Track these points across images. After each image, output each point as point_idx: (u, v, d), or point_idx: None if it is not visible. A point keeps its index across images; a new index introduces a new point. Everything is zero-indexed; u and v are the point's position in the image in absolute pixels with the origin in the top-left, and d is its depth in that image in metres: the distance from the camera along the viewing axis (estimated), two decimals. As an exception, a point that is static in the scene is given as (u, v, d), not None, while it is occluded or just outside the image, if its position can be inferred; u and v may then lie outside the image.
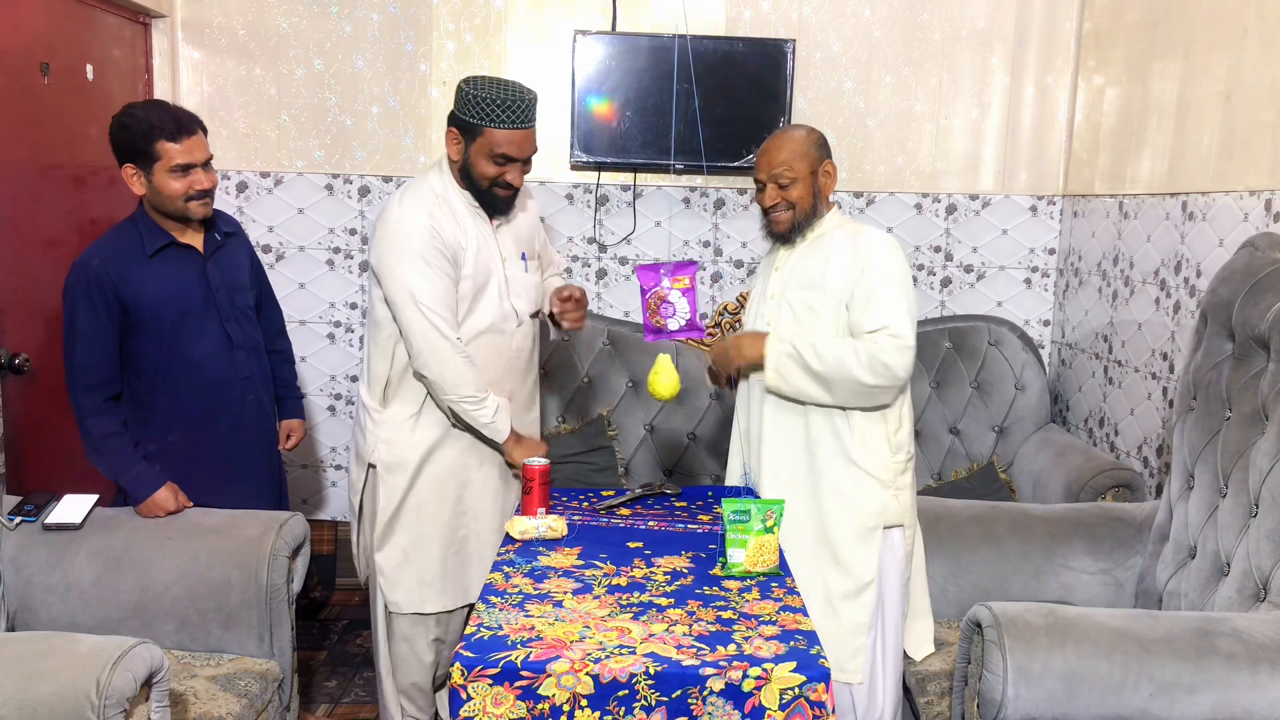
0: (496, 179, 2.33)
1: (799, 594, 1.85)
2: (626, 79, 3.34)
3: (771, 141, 2.31)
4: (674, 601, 1.78)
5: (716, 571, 1.92)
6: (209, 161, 2.37)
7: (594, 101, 3.36)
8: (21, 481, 2.49)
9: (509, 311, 2.42)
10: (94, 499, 2.34)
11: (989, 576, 2.45)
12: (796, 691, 1.52)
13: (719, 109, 3.36)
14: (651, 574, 1.91)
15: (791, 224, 2.29)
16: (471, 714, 1.52)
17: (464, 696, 1.52)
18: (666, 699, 1.51)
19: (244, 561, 2.25)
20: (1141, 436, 2.97)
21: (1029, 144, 3.55)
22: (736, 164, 3.38)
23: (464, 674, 1.52)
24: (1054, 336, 3.64)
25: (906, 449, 2.29)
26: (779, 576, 1.91)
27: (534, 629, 1.64)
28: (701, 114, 3.28)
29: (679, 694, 1.51)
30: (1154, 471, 2.89)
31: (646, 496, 2.40)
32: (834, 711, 1.54)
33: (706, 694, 1.51)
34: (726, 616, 1.72)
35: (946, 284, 3.63)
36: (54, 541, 2.25)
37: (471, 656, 1.54)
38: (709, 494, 2.44)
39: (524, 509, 2.20)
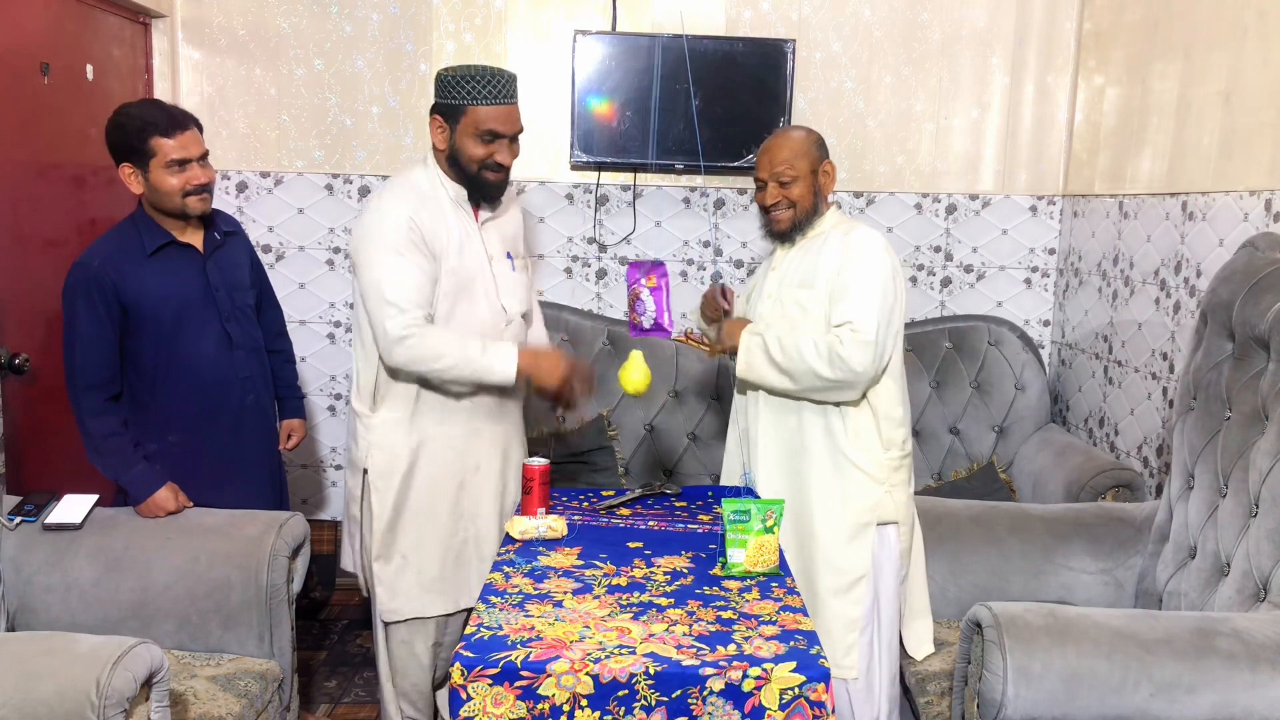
0: (485, 160, 2.29)
1: (799, 594, 1.85)
2: (626, 79, 3.34)
3: (772, 141, 2.35)
4: (674, 601, 1.78)
5: (716, 571, 1.93)
6: (205, 156, 2.36)
7: (594, 101, 3.36)
8: (21, 481, 2.49)
9: (499, 311, 2.40)
10: (94, 499, 2.34)
11: (989, 576, 2.45)
12: (796, 691, 1.52)
13: (719, 109, 3.36)
14: (651, 574, 1.91)
15: (792, 222, 2.32)
16: (471, 714, 1.52)
17: (464, 696, 1.52)
18: (666, 699, 1.51)
19: (244, 561, 2.25)
20: (1141, 436, 2.97)
21: (1029, 144, 3.55)
22: (736, 164, 3.38)
23: (464, 674, 1.52)
24: (1054, 336, 3.64)
25: (901, 446, 2.29)
26: (779, 576, 1.91)
27: (534, 629, 1.64)
28: (701, 114, 3.28)
29: (679, 694, 1.51)
30: (1154, 471, 2.89)
31: (646, 496, 2.40)
32: (834, 711, 1.54)
33: (706, 694, 1.51)
34: (726, 616, 1.72)
35: (946, 284, 3.63)
36: (54, 541, 2.25)
37: (471, 656, 1.54)
38: (709, 494, 2.44)
39: (524, 509, 2.20)
